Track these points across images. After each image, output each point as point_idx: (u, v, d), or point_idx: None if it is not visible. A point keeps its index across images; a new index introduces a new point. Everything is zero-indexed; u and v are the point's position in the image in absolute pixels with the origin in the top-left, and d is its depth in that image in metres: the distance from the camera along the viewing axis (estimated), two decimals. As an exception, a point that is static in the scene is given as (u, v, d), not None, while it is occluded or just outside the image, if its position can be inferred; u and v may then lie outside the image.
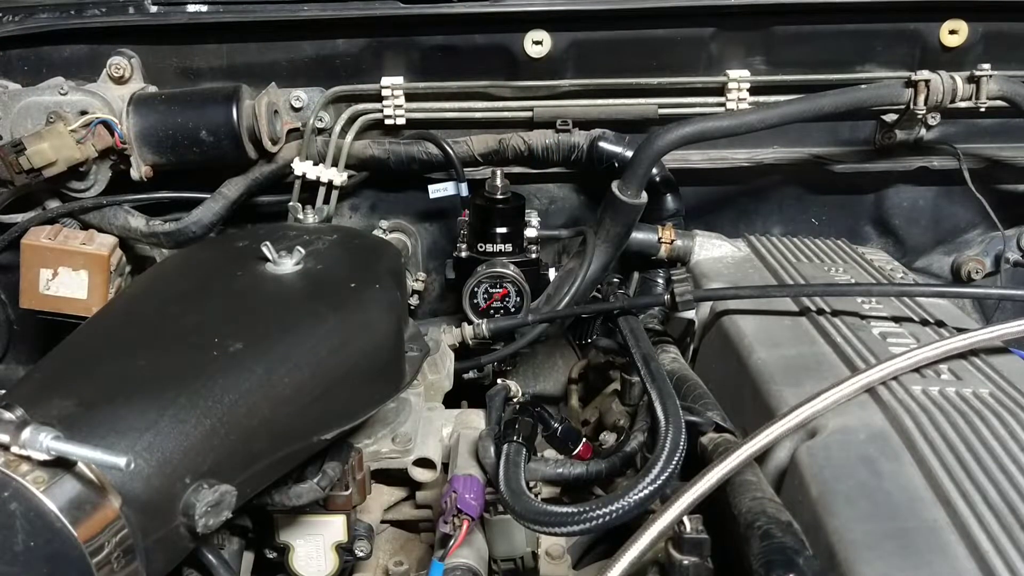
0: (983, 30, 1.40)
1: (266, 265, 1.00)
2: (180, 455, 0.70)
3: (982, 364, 0.93)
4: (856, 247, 1.39)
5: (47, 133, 1.29)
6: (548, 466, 1.01)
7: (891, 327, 1.05)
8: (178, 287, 1.00)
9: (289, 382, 0.83)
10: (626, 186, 1.23)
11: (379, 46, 1.43)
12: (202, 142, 1.35)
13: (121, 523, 0.64)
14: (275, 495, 0.88)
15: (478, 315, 1.31)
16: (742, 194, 1.58)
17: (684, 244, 1.38)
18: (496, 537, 1.01)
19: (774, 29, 1.41)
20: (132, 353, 0.81)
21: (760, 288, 1.18)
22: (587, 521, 0.80)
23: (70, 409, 0.69)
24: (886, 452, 0.78)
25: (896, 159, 1.51)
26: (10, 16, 1.36)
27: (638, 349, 1.08)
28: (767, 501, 0.74)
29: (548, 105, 1.45)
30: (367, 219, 1.58)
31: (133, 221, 1.44)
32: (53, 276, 1.36)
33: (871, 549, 0.66)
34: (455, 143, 1.45)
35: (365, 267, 1.07)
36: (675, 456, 0.84)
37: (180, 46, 1.43)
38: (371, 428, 1.05)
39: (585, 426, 1.30)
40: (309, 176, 1.44)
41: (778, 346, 1.02)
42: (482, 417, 1.12)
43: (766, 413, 0.90)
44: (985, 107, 1.31)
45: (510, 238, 1.33)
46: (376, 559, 1.07)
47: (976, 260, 1.56)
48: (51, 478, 0.61)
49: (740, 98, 1.42)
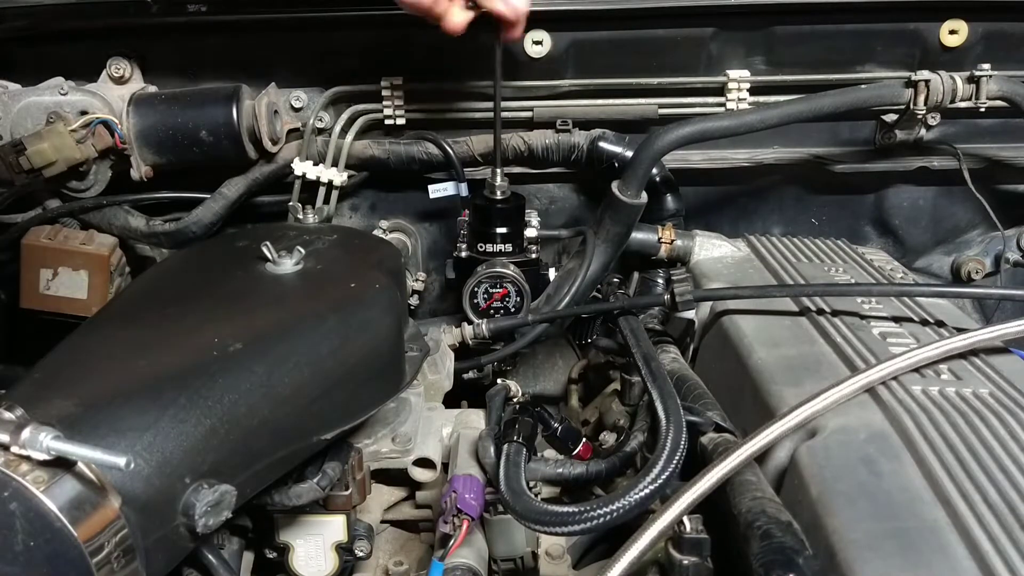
0: (983, 30, 1.40)
1: (266, 265, 1.00)
2: (180, 455, 0.70)
3: (982, 364, 0.93)
4: (856, 247, 1.39)
5: (47, 133, 1.29)
6: (548, 466, 1.01)
7: (891, 327, 1.05)
8: (178, 287, 1.00)
9: (289, 382, 0.83)
10: (626, 186, 1.23)
11: (379, 46, 1.43)
12: (202, 142, 1.34)
13: (121, 523, 0.64)
14: (275, 495, 0.88)
15: (478, 315, 1.31)
16: (742, 194, 1.58)
17: (684, 244, 1.38)
18: (496, 537, 1.01)
19: (774, 29, 1.41)
20: (132, 353, 0.81)
21: (760, 288, 1.18)
22: (587, 521, 0.80)
23: (70, 409, 0.69)
24: (886, 452, 0.77)
25: (896, 159, 1.51)
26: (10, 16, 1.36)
27: (638, 349, 1.08)
28: (767, 501, 0.74)
29: (548, 105, 1.45)
30: (367, 219, 1.58)
31: (133, 221, 1.44)
32: (53, 276, 1.36)
33: (871, 549, 0.66)
34: (455, 143, 1.45)
35: (365, 267, 1.07)
36: (675, 456, 0.84)
37: (180, 46, 1.43)
38: (371, 428, 1.05)
39: (585, 426, 1.30)
40: (309, 176, 1.44)
41: (778, 346, 1.02)
42: (482, 417, 1.12)
43: (766, 413, 0.90)
44: (985, 107, 1.31)
45: (510, 238, 1.33)
46: (376, 559, 1.07)
47: (976, 260, 1.56)
48: (51, 478, 0.61)
49: (740, 98, 1.42)
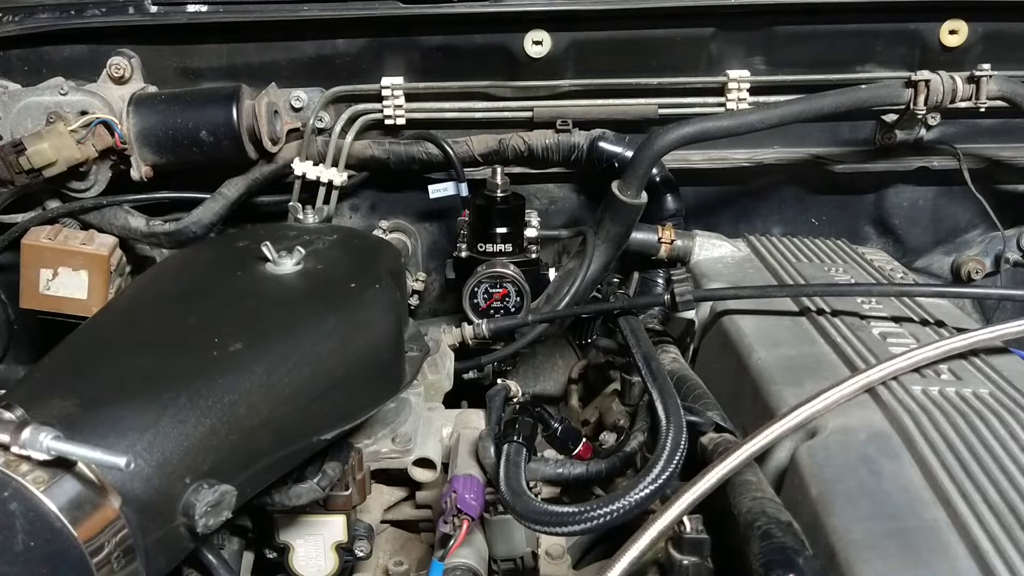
0: (983, 30, 1.40)
1: (266, 265, 1.00)
2: (180, 455, 0.70)
3: (982, 364, 0.93)
4: (856, 247, 1.39)
5: (47, 133, 1.29)
6: (548, 466, 1.01)
7: (891, 327, 1.05)
8: (178, 287, 1.00)
9: (289, 382, 0.83)
10: (626, 186, 1.23)
11: (379, 46, 1.43)
12: (202, 142, 1.34)
13: (121, 523, 0.64)
14: (275, 495, 0.88)
15: (478, 315, 1.31)
16: (742, 194, 1.58)
17: (684, 244, 1.38)
18: (496, 537, 1.01)
19: (774, 29, 1.41)
20: (132, 353, 0.81)
21: (760, 288, 1.18)
22: (587, 521, 0.80)
23: (70, 409, 0.69)
24: (886, 452, 0.77)
25: (896, 159, 1.51)
26: (10, 16, 1.36)
27: (639, 349, 1.08)
28: (767, 501, 0.74)
29: (548, 105, 1.45)
30: (367, 219, 1.58)
31: (133, 221, 1.44)
32: (53, 276, 1.36)
33: (871, 549, 0.66)
34: (455, 143, 1.45)
35: (365, 267, 1.07)
36: (676, 456, 0.84)
37: (180, 46, 1.43)
38: (371, 428, 1.05)
39: (585, 426, 1.30)
40: (309, 176, 1.44)
41: (778, 346, 1.02)
42: (482, 417, 1.12)
43: (766, 413, 0.90)
44: (985, 107, 1.31)
45: (510, 238, 1.33)
46: (376, 559, 1.07)
47: (976, 260, 1.56)
48: (51, 478, 0.61)
49: (740, 98, 1.42)
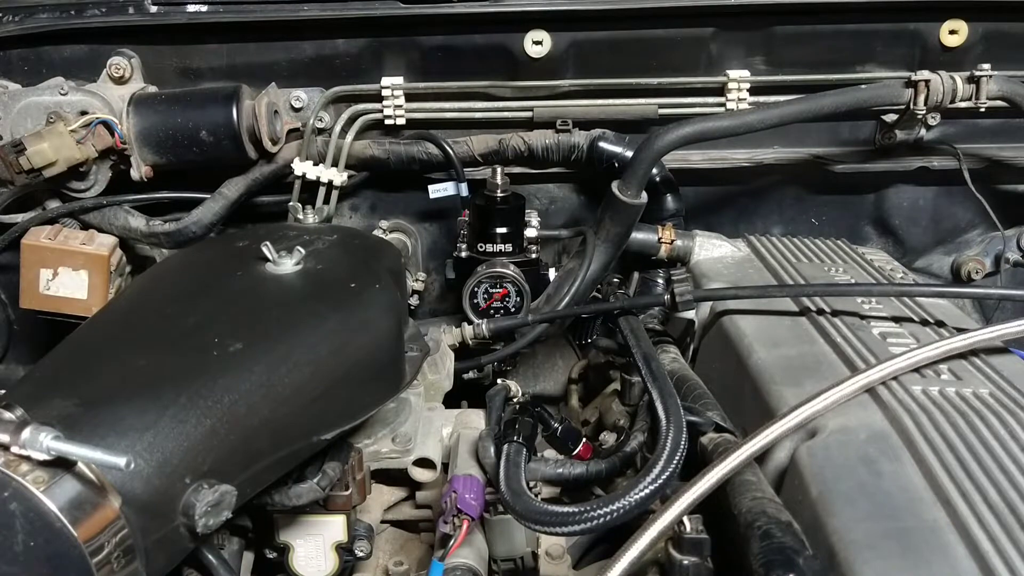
0: (983, 30, 1.40)
1: (266, 265, 1.00)
2: (180, 455, 0.70)
3: (982, 364, 0.93)
4: (856, 247, 1.39)
5: (47, 133, 1.28)
6: (548, 466, 1.01)
7: (891, 327, 1.05)
8: (178, 287, 1.00)
9: (289, 382, 0.83)
10: (626, 186, 1.23)
11: (379, 46, 1.43)
12: (202, 142, 1.34)
13: (121, 523, 0.64)
14: (275, 495, 0.88)
15: (478, 315, 1.31)
16: (742, 194, 1.58)
17: (684, 244, 1.38)
18: (496, 537, 1.01)
19: (774, 29, 1.41)
20: (132, 353, 0.81)
21: (760, 288, 1.18)
22: (587, 521, 0.80)
23: (70, 409, 0.69)
24: (886, 452, 0.78)
25: (896, 159, 1.51)
26: (10, 16, 1.36)
27: (639, 349, 1.08)
28: (767, 501, 0.74)
29: (548, 105, 1.45)
30: (367, 219, 1.58)
31: (133, 221, 1.44)
32: (53, 276, 1.36)
33: (871, 549, 0.66)
34: (455, 143, 1.45)
35: (365, 267, 1.07)
36: (676, 456, 0.84)
37: (180, 46, 1.43)
38: (371, 428, 1.05)
39: (585, 426, 1.30)
40: (309, 176, 1.44)
41: (778, 346, 1.02)
42: (482, 417, 1.12)
43: (766, 413, 0.90)
44: (985, 107, 1.31)
45: (510, 238, 1.33)
46: (376, 559, 1.07)
47: (976, 260, 1.56)
48: (51, 478, 0.61)
49: (740, 98, 1.42)
